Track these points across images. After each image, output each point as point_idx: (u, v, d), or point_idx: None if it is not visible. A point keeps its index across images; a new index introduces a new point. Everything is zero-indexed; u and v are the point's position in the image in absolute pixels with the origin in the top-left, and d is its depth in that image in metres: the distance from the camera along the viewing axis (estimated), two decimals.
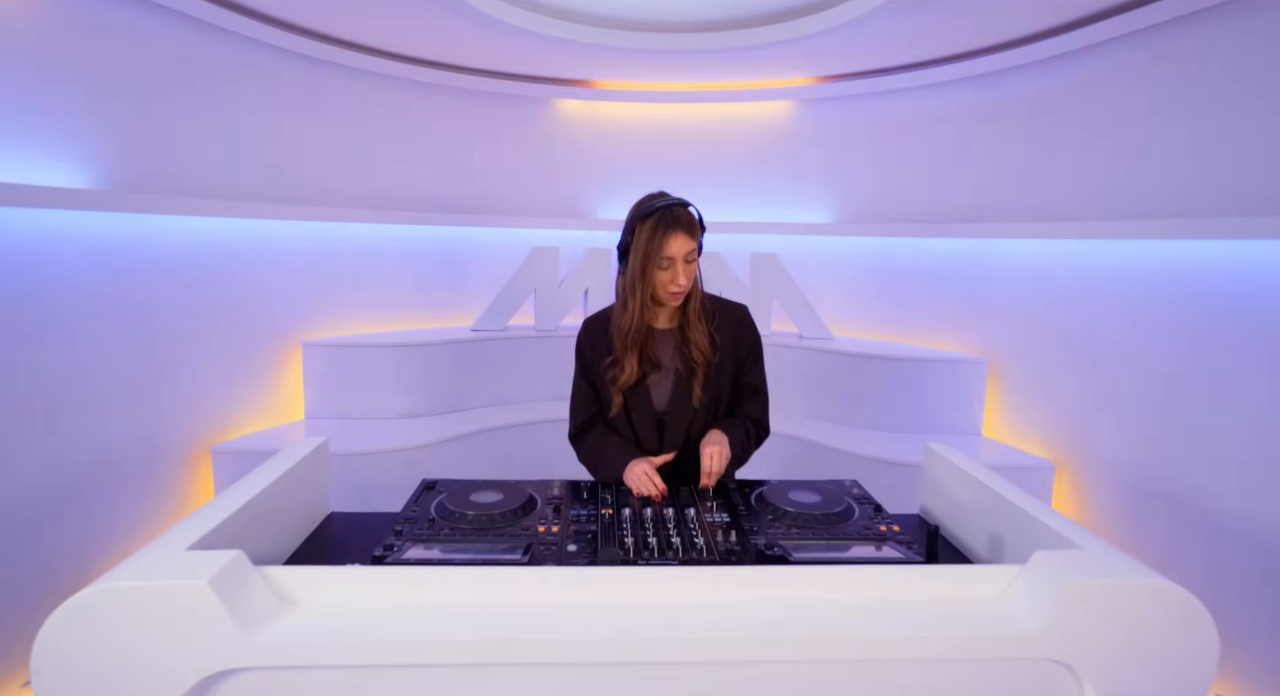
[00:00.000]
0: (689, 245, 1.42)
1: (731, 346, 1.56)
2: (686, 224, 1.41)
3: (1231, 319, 2.02)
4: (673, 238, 1.40)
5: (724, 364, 1.55)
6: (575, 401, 1.64)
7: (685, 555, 1.11)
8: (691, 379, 1.52)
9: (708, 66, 3.00)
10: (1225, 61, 2.10)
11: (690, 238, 1.42)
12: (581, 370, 1.62)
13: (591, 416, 1.62)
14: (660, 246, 1.40)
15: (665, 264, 1.42)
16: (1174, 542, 2.16)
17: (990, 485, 1.27)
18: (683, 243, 1.41)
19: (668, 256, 1.41)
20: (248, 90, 2.63)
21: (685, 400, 1.54)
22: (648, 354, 1.52)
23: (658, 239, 1.40)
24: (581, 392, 1.63)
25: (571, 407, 1.65)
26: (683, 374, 1.53)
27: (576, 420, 1.63)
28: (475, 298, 3.35)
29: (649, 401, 1.55)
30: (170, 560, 0.89)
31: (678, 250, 1.41)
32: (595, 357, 1.57)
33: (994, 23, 2.43)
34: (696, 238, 1.43)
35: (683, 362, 1.53)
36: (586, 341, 1.59)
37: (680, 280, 1.43)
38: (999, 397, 2.84)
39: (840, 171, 3.37)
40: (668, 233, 1.40)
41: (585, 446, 1.61)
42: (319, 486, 1.43)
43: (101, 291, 2.14)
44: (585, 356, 1.60)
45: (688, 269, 1.43)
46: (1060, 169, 2.61)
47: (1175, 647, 0.90)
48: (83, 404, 2.09)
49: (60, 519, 2.03)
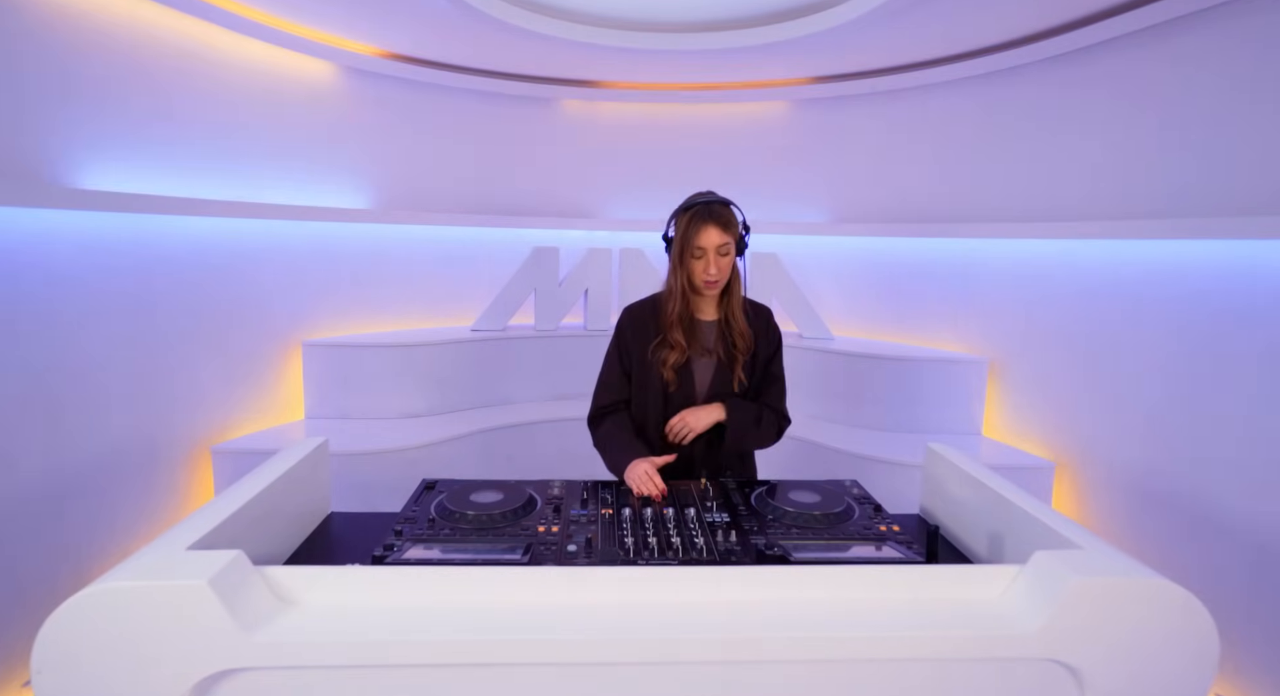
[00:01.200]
0: (721, 238, 1.52)
1: (764, 343, 1.67)
2: (720, 219, 1.52)
3: (1231, 319, 2.02)
4: (705, 230, 1.51)
5: (756, 358, 1.66)
6: (602, 383, 1.70)
7: (685, 555, 1.11)
8: (734, 365, 1.62)
9: (708, 66, 3.00)
10: (1225, 62, 2.10)
11: (723, 232, 1.52)
12: (617, 353, 1.68)
13: (614, 402, 1.68)
14: (694, 237, 1.52)
15: (698, 253, 1.53)
16: (1174, 542, 2.16)
17: (990, 485, 1.27)
18: (714, 235, 1.51)
19: (700, 246, 1.52)
20: (248, 90, 2.63)
21: (725, 386, 1.63)
22: (693, 339, 1.61)
23: (692, 230, 1.52)
24: (612, 375, 1.68)
25: (597, 389, 1.70)
26: (724, 361, 1.63)
27: (599, 402, 1.69)
28: (475, 298, 3.35)
29: (693, 384, 1.63)
30: (170, 560, 0.89)
31: (709, 242, 1.51)
32: (635, 341, 1.64)
33: (993, 23, 2.43)
34: (731, 233, 1.53)
35: (724, 351, 1.63)
36: (628, 325, 1.66)
37: (711, 270, 1.53)
38: (999, 397, 2.84)
39: (840, 171, 3.37)
40: (701, 225, 1.51)
41: (599, 434, 1.67)
42: (319, 486, 1.43)
43: (102, 291, 2.14)
44: (625, 339, 1.66)
45: (720, 261, 1.53)
46: (1060, 169, 2.61)
47: (1175, 647, 0.90)
48: (83, 404, 2.09)
49: (60, 519, 2.03)
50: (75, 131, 2.12)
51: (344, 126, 2.99)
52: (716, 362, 1.64)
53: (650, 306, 1.66)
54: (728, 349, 1.63)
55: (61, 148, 2.08)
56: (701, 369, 1.64)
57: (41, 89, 2.02)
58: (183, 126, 2.43)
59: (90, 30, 2.14)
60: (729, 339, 1.62)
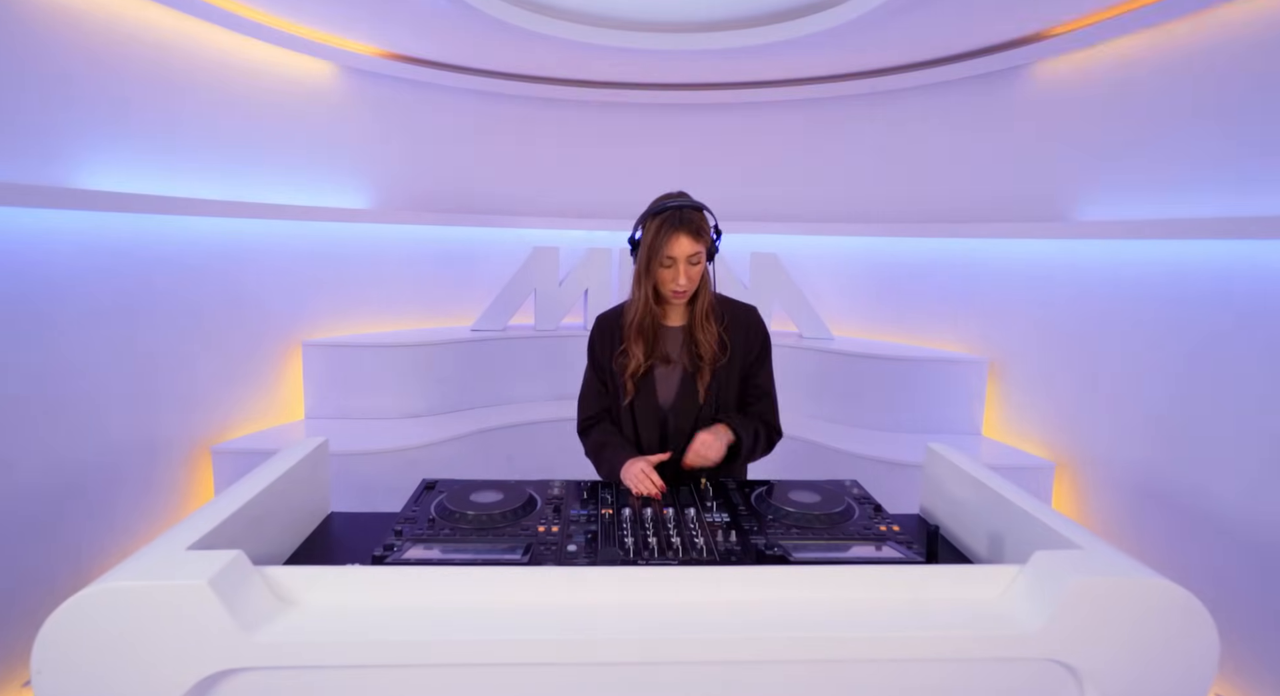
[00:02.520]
0: (692, 248, 1.44)
1: (740, 347, 1.58)
2: (692, 227, 1.43)
3: (1231, 319, 2.02)
4: (676, 239, 1.43)
5: (732, 364, 1.57)
6: (583, 395, 1.68)
7: (685, 555, 1.11)
8: (697, 376, 1.54)
9: (708, 66, 3.00)
10: (1225, 61, 2.10)
11: (694, 241, 1.44)
12: (592, 365, 1.66)
13: (598, 412, 1.66)
14: (663, 245, 1.43)
15: (667, 262, 1.46)
16: (1174, 542, 2.16)
17: (990, 485, 1.27)
18: (686, 244, 1.43)
19: (669, 256, 1.44)
20: (247, 90, 2.63)
21: (690, 397, 1.56)
22: (655, 347, 1.55)
23: (662, 238, 1.43)
24: (590, 387, 1.66)
25: (579, 402, 1.70)
26: (689, 371, 1.56)
27: (583, 414, 1.68)
28: (475, 298, 3.35)
29: (654, 395, 1.57)
30: (170, 560, 0.89)
31: (679, 251, 1.44)
32: (604, 352, 1.61)
33: (994, 23, 2.43)
34: (702, 242, 1.46)
35: (689, 361, 1.56)
36: (597, 336, 1.63)
37: (680, 280, 1.46)
38: (999, 397, 2.84)
39: (840, 171, 3.37)
40: (672, 233, 1.43)
41: (589, 443, 1.64)
42: (319, 486, 1.43)
43: (101, 291, 2.14)
44: (595, 351, 1.64)
45: (690, 270, 1.46)
46: (1060, 168, 2.61)
47: (1175, 647, 0.90)
48: (83, 404, 2.09)
49: (60, 519, 2.03)
50: (75, 131, 2.11)
51: (344, 126, 2.99)
52: (681, 372, 1.56)
53: (617, 315, 1.61)
54: (693, 359, 1.55)
55: (61, 148, 2.08)
56: (663, 378, 1.57)
57: (42, 89, 2.02)
58: (183, 126, 2.43)
59: (90, 31, 2.14)
60: (693, 350, 1.55)
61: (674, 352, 1.57)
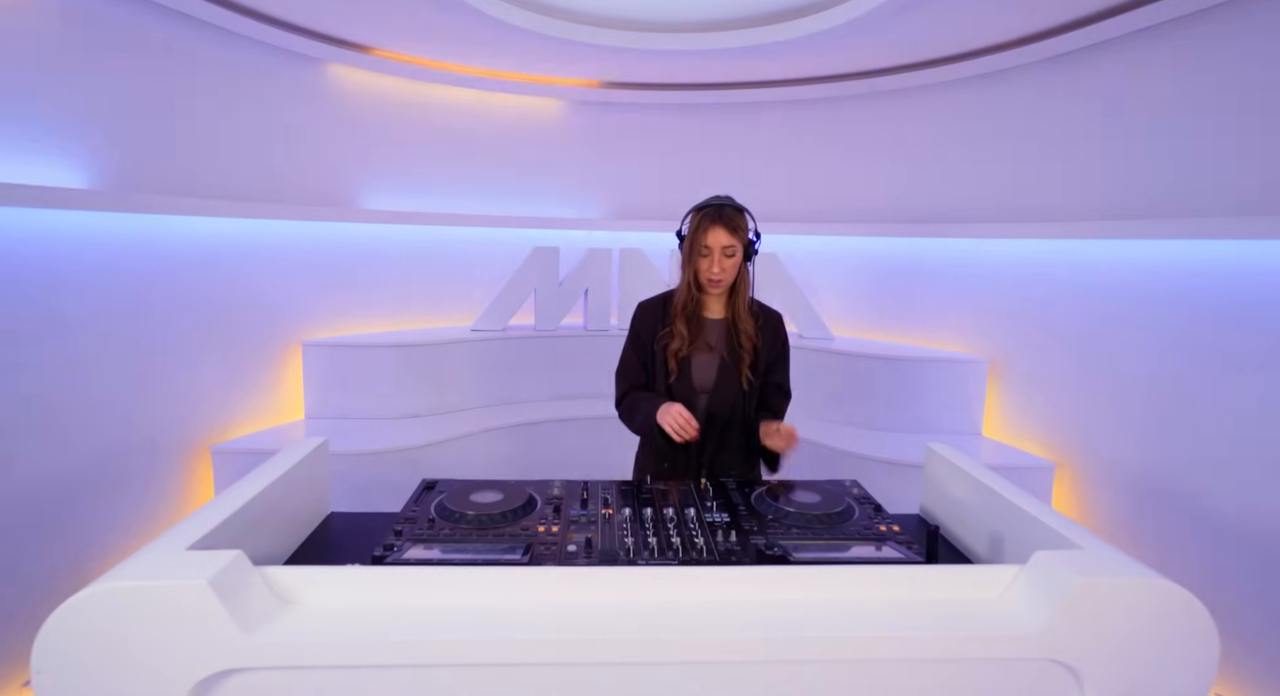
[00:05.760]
0: (727, 240, 1.59)
1: (768, 347, 1.73)
2: (729, 222, 1.60)
3: (1231, 319, 2.02)
4: (712, 230, 1.59)
5: (758, 359, 1.71)
6: (620, 370, 1.79)
7: (685, 555, 1.11)
8: (738, 364, 1.68)
9: (707, 66, 3.00)
10: (1226, 61, 2.10)
11: (729, 234, 1.59)
12: (633, 344, 1.77)
13: (633, 386, 1.77)
14: (702, 236, 1.60)
15: (704, 251, 1.61)
16: (1174, 542, 2.15)
17: (990, 485, 1.27)
18: (721, 236, 1.59)
19: (706, 245, 1.61)
20: (247, 89, 2.63)
21: (726, 383, 1.68)
22: (698, 333, 1.68)
23: (701, 229, 1.61)
24: (629, 363, 1.77)
25: (617, 377, 1.80)
26: (728, 360, 1.68)
27: (621, 387, 1.79)
28: (475, 298, 3.35)
29: (690, 378, 1.69)
30: (170, 560, 0.89)
31: (715, 242, 1.60)
32: (648, 332, 1.73)
33: (994, 23, 2.43)
34: (738, 237, 1.61)
35: (729, 350, 1.68)
36: (640, 316, 1.76)
37: (714, 269, 1.61)
38: (999, 397, 2.84)
39: (840, 171, 3.37)
40: (709, 225, 1.60)
41: (623, 407, 1.75)
42: (319, 486, 1.43)
43: (102, 291, 2.14)
44: (638, 331, 1.76)
45: (725, 261, 1.61)
46: (1060, 169, 2.61)
47: (1175, 647, 0.90)
48: (83, 404, 2.09)
49: (60, 519, 2.03)
50: (75, 131, 2.11)
51: (344, 126, 2.99)
52: (720, 361, 1.69)
53: (661, 301, 1.76)
54: (733, 348, 1.68)
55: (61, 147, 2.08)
56: (701, 365, 1.69)
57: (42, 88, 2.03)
58: (183, 127, 2.43)
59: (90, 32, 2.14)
60: (735, 339, 1.67)
61: (714, 341, 1.70)
